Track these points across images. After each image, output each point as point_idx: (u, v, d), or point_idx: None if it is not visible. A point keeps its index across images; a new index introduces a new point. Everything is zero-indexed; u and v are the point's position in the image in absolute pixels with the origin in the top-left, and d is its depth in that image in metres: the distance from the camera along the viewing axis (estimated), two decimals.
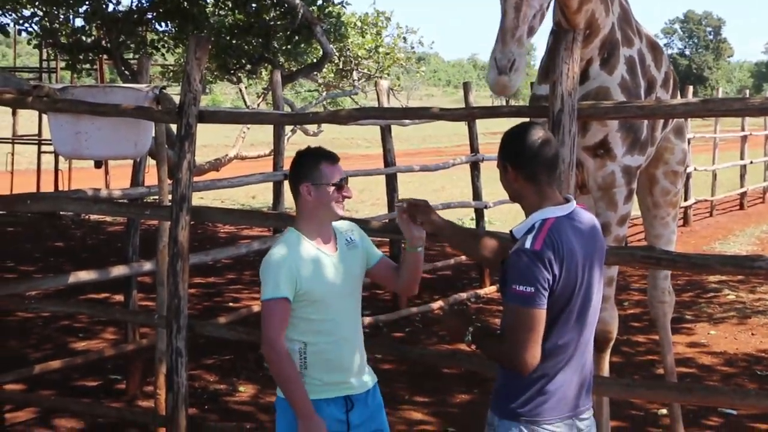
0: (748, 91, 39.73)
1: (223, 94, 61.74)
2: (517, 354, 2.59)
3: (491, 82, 3.29)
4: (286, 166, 7.53)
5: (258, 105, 14.94)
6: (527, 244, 2.62)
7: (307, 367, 3.06)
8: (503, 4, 3.35)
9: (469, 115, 4.33)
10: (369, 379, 3.22)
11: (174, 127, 4.66)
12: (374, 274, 3.31)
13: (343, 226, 3.25)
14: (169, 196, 4.81)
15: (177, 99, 4.52)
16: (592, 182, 4.29)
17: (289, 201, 4.91)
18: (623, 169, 4.23)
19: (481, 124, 9.51)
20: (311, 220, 3.13)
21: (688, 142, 5.24)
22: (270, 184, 7.66)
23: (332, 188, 3.10)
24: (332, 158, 3.15)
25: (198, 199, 17.18)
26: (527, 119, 4.36)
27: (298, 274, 3.02)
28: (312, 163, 3.12)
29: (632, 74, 4.21)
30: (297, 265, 3.03)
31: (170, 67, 16.41)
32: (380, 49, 16.33)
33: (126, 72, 11.07)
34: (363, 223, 3.80)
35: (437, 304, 8.31)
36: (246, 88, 16.64)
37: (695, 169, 15.51)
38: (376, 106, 8.42)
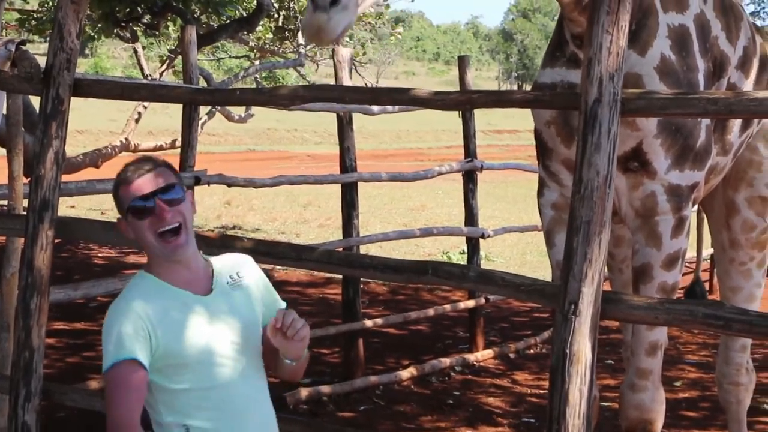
0: None
1: (110, 58, 61.58)
2: None
3: (303, 23, 3.32)
4: (200, 165, 7.54)
5: (161, 75, 14.87)
6: None
7: None
8: None
9: (466, 102, 4.33)
10: None
11: (36, 101, 4.61)
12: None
13: (227, 262, 3.27)
14: (25, 202, 4.75)
15: (42, 61, 4.47)
16: (626, 207, 4.31)
17: (199, 216, 4.87)
18: (669, 189, 4.24)
19: (481, 118, 9.50)
20: (158, 260, 3.15)
21: None
22: None
23: (138, 219, 3.10)
24: (127, 177, 3.14)
25: (67, 207, 17.12)
26: (545, 110, 4.39)
27: (152, 328, 3.02)
28: (114, 191, 3.18)
29: (681, 52, 4.23)
30: (149, 316, 3.03)
31: (33, 13, 16.28)
32: None
33: None
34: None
35: (407, 373, 8.29)
36: (144, 49, 16.57)
37: None
38: (333, 83, 8.41)
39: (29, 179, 4.50)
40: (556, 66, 4.35)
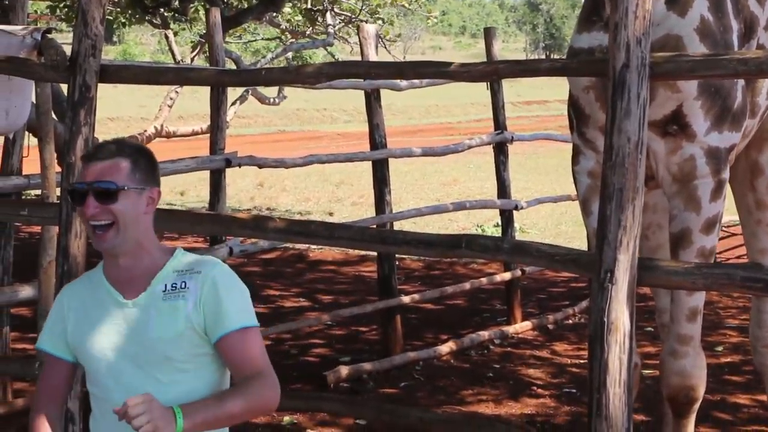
0: None
1: (138, 44, 61.71)
2: None
3: None
4: (231, 147, 7.53)
5: (192, 60, 14.85)
6: None
7: None
8: None
9: (492, 72, 4.30)
10: None
11: (65, 88, 4.62)
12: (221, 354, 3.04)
13: (183, 267, 3.02)
14: (58, 190, 4.76)
15: (69, 49, 4.47)
16: (664, 172, 4.28)
17: (232, 198, 4.86)
18: (708, 152, 4.21)
19: (509, 90, 9.46)
20: None
21: None
22: (206, 174, 7.61)
23: (73, 203, 3.05)
24: (88, 155, 3.07)
25: None
26: (574, 77, 4.34)
27: (67, 321, 3.05)
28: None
29: (718, 12, 4.19)
30: (70, 307, 3.06)
31: (64, 0, 16.32)
32: None
33: None
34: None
35: (446, 347, 8.29)
36: (176, 35, 16.50)
37: None
38: (359, 60, 8.38)
39: (62, 167, 4.51)
40: (593, 30, 4.30)
